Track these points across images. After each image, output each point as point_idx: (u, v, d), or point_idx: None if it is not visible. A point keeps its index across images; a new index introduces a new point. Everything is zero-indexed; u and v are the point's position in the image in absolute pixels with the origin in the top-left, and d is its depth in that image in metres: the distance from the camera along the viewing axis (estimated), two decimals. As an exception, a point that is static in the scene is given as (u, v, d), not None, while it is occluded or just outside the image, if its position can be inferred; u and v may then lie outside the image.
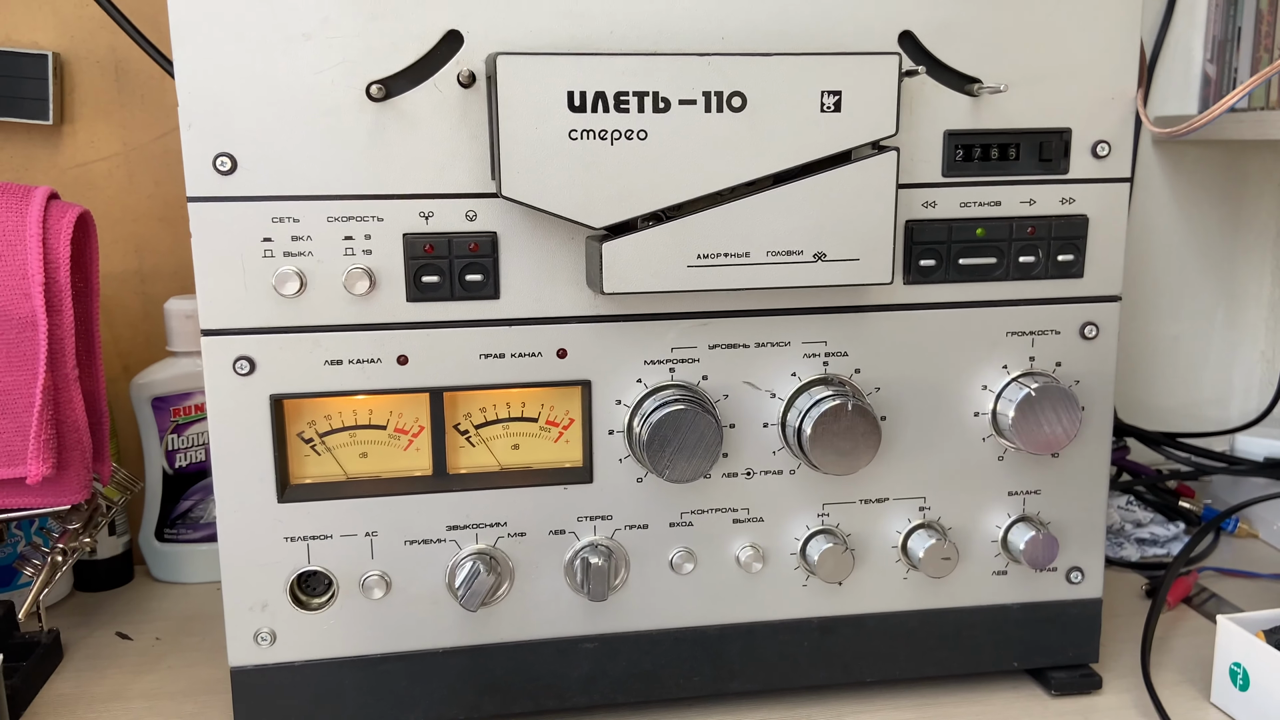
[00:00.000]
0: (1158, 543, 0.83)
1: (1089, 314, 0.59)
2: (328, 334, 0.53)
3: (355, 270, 0.52)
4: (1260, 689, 0.57)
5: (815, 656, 0.60)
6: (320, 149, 0.51)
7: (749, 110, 0.50)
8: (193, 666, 0.66)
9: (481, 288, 0.53)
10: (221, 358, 0.52)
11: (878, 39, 0.54)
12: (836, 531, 0.59)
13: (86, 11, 0.78)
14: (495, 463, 0.57)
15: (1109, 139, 0.57)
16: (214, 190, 0.51)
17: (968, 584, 0.61)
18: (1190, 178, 0.97)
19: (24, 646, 0.64)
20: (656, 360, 0.56)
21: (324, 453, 0.55)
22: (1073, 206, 0.58)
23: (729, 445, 0.57)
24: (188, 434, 0.77)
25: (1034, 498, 0.60)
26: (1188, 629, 0.70)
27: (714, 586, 0.58)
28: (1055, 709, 0.61)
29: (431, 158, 0.52)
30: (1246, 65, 0.90)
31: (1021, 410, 0.56)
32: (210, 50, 0.50)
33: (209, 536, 0.78)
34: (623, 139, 0.50)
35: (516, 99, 0.49)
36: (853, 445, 0.54)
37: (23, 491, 0.61)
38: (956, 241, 0.57)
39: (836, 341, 0.57)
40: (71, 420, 0.61)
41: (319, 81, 0.50)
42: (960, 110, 0.55)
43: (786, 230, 0.52)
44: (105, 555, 0.77)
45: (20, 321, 0.59)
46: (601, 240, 0.51)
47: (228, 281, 0.52)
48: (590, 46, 0.52)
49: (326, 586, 0.56)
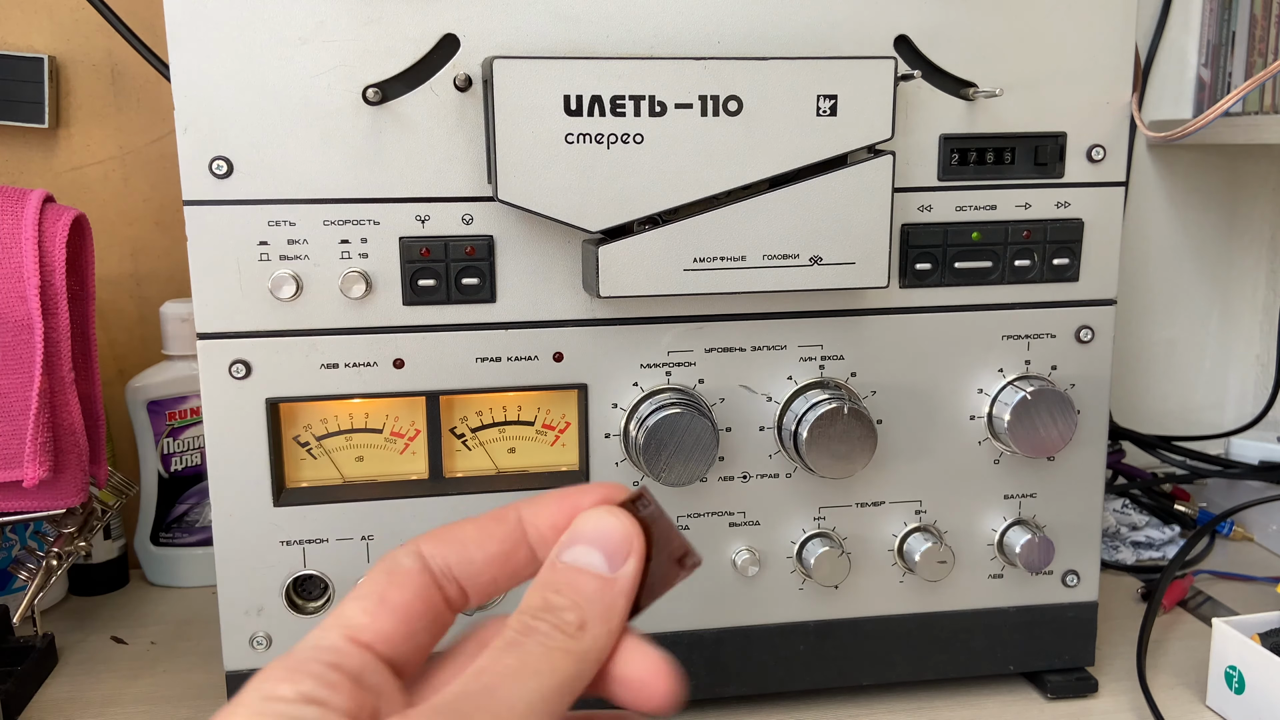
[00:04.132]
0: (1153, 546, 0.83)
1: (1084, 318, 0.59)
2: (324, 337, 0.53)
3: (351, 274, 0.52)
4: (1255, 692, 0.57)
5: (812, 660, 0.60)
6: (316, 152, 0.51)
7: (745, 114, 0.51)
8: (188, 671, 0.66)
9: (478, 291, 0.53)
10: (217, 361, 0.52)
11: (873, 43, 0.54)
12: (833, 535, 0.59)
13: (82, 15, 0.78)
14: (492, 466, 0.57)
15: (1104, 143, 0.57)
16: (210, 194, 0.51)
17: (964, 587, 0.61)
18: (1185, 182, 0.97)
19: (18, 651, 0.64)
20: (653, 364, 0.56)
21: (320, 456, 0.55)
22: (1068, 210, 0.58)
23: (725, 449, 0.57)
24: (183, 438, 0.77)
25: (1030, 501, 0.60)
26: (1183, 632, 0.70)
27: (710, 590, 0.58)
28: (1051, 712, 0.61)
29: (428, 161, 0.52)
30: (1241, 69, 0.90)
31: (1017, 414, 0.56)
32: (206, 54, 0.50)
33: (204, 540, 0.78)
34: (619, 143, 0.50)
35: (513, 103, 0.49)
36: (849, 449, 0.54)
37: (18, 495, 0.60)
38: (952, 245, 0.57)
39: (832, 345, 0.57)
40: (67, 424, 0.61)
41: (315, 85, 0.50)
42: (956, 114, 0.55)
43: (782, 234, 0.52)
44: (100, 559, 0.77)
45: (16, 325, 0.58)
46: (598, 244, 0.51)
47: (224, 285, 0.52)
48: (586, 50, 0.52)
49: (322, 590, 0.56)
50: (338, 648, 0.24)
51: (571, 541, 0.26)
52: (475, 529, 0.26)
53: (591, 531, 0.25)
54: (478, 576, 0.25)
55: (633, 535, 0.26)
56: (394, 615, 0.24)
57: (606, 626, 0.25)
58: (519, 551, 0.26)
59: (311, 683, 0.23)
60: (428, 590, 0.25)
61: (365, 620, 0.24)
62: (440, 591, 0.25)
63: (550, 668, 0.24)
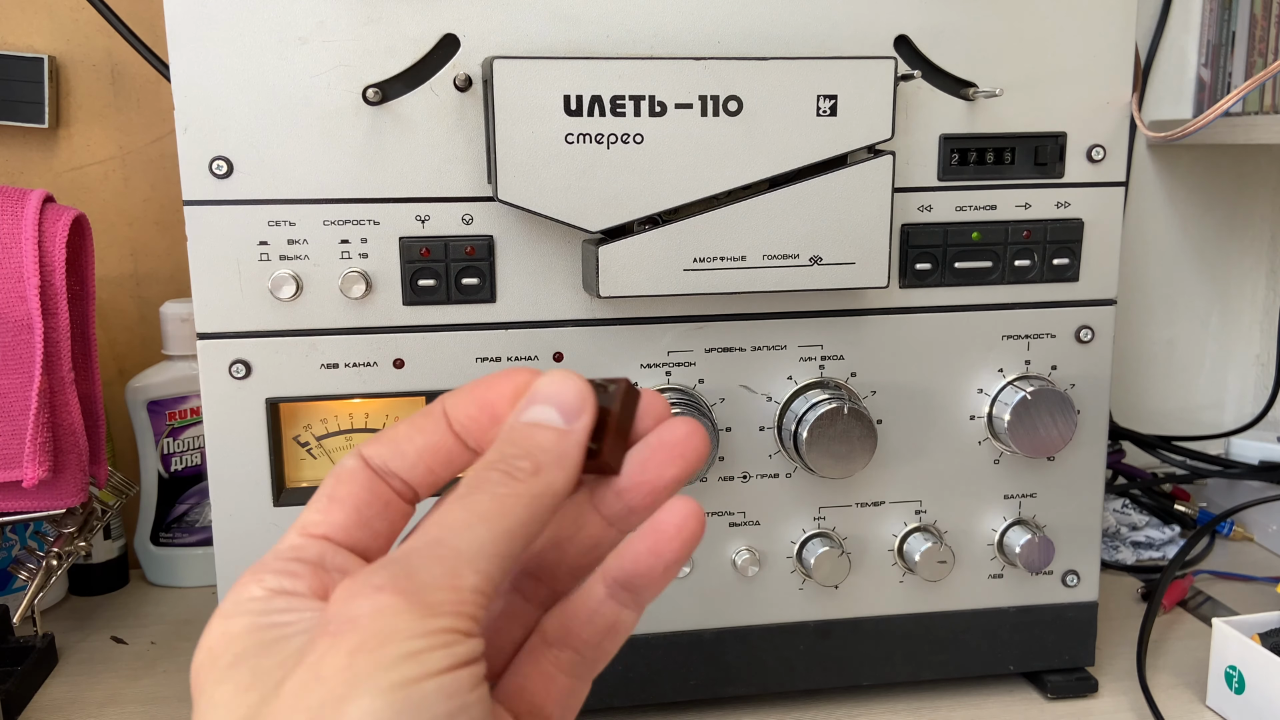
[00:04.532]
0: (1153, 546, 0.83)
1: (1084, 317, 0.59)
2: (324, 337, 0.53)
3: (351, 274, 0.52)
4: (1256, 692, 0.57)
5: (812, 660, 0.60)
6: (316, 152, 0.51)
7: (745, 114, 0.51)
8: (188, 671, 0.65)
9: (478, 291, 0.53)
10: (217, 361, 0.52)
11: (873, 43, 0.54)
12: (833, 535, 0.59)
13: (82, 15, 0.78)
14: (491, 466, 0.57)
15: (1104, 143, 0.57)
16: (210, 194, 0.51)
17: (964, 587, 0.61)
18: (1185, 182, 0.97)
19: (18, 651, 0.64)
20: (653, 364, 0.56)
21: (320, 456, 0.55)
22: (1068, 210, 0.58)
23: (725, 449, 0.57)
24: (183, 438, 0.77)
25: (1030, 501, 0.60)
26: (1183, 632, 0.70)
27: (710, 590, 0.58)
28: (1051, 712, 0.61)
29: (428, 161, 0.52)
30: (1241, 69, 0.90)
31: (1017, 414, 0.56)
32: (206, 54, 0.50)
33: (205, 540, 0.78)
34: (619, 143, 0.50)
35: (513, 103, 0.49)
36: (849, 449, 0.54)
37: (18, 495, 0.60)
38: (952, 245, 0.57)
39: (832, 345, 0.57)
40: (67, 424, 0.61)
41: (315, 85, 0.50)
42: (956, 114, 0.55)
43: (782, 234, 0.52)
44: (100, 559, 0.77)
45: (16, 325, 0.58)
46: (597, 244, 0.51)
47: (224, 285, 0.52)
48: (586, 50, 0.52)
49: (322, 590, 0.56)
50: (295, 544, 0.26)
51: (529, 404, 0.27)
52: (406, 425, 0.27)
53: (546, 391, 0.27)
54: (414, 468, 0.27)
55: (585, 393, 0.27)
56: (343, 507, 0.26)
57: (562, 471, 0.26)
58: (446, 441, 0.27)
59: (274, 577, 0.25)
60: (372, 483, 0.27)
61: (318, 517, 0.26)
62: (385, 484, 0.27)
63: (500, 511, 0.25)
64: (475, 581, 0.23)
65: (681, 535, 0.27)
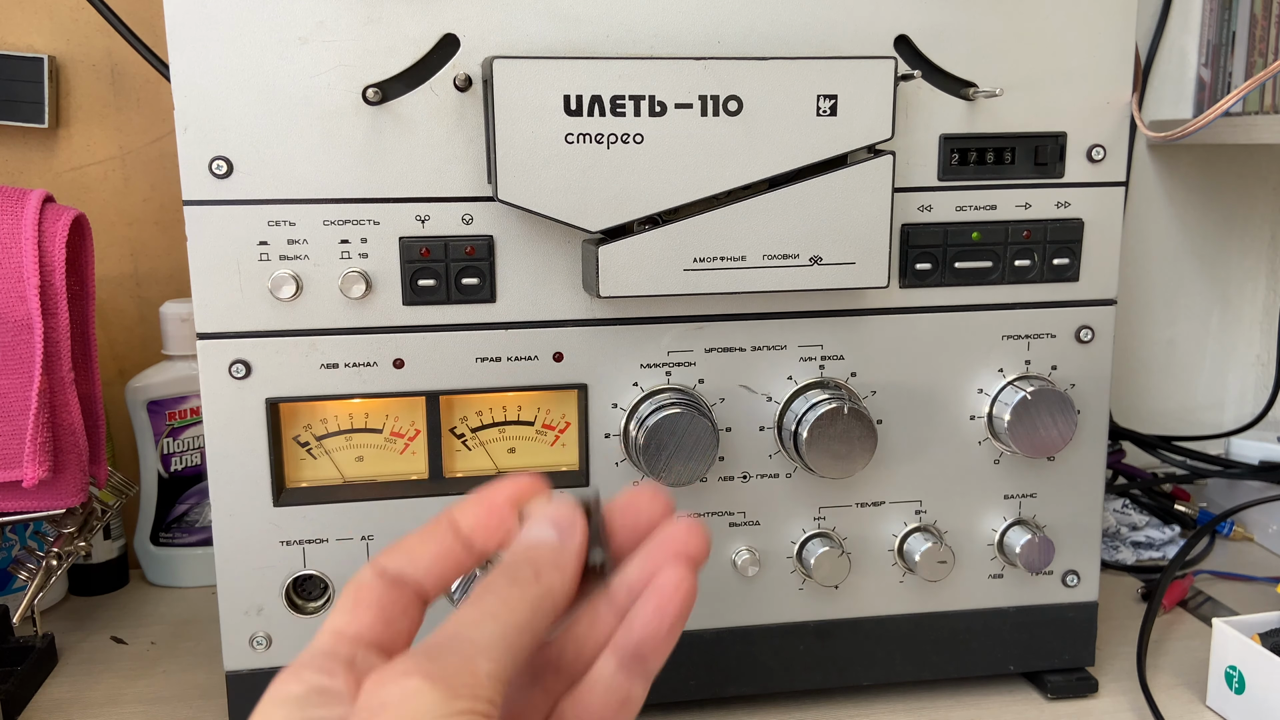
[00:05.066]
0: (1153, 546, 0.83)
1: (1084, 317, 0.59)
2: (324, 337, 0.53)
3: (351, 274, 0.52)
4: (1256, 692, 0.57)
5: (812, 660, 0.60)
6: (316, 152, 0.51)
7: (745, 114, 0.51)
8: (188, 671, 0.66)
9: (478, 291, 0.53)
10: (217, 361, 0.52)
11: (873, 43, 0.54)
12: (833, 535, 0.59)
13: (82, 15, 0.78)
14: (492, 466, 0.57)
15: (1104, 143, 0.57)
16: (210, 194, 0.51)
17: (964, 587, 0.61)
18: (1185, 182, 0.97)
19: (18, 651, 0.64)
20: (653, 364, 0.56)
21: (320, 456, 0.55)
22: (1068, 210, 0.58)
23: (725, 449, 0.57)
24: (183, 438, 0.77)
25: (1030, 501, 0.60)
26: (1183, 632, 0.70)
27: (710, 590, 0.58)
28: (1051, 712, 0.61)
29: (428, 161, 0.52)
30: (1241, 69, 0.90)
31: (1017, 414, 0.56)
32: (206, 54, 0.50)
33: (204, 540, 0.78)
34: (619, 142, 0.50)
35: (513, 102, 0.49)
36: (849, 449, 0.54)
37: (18, 495, 0.60)
38: (952, 245, 0.57)
39: (832, 345, 0.57)
40: (67, 424, 0.61)
41: (315, 85, 0.50)
42: (956, 114, 0.55)
43: (782, 234, 0.52)
44: (100, 559, 0.77)
45: (15, 324, 0.58)
46: (597, 244, 0.51)
47: (224, 285, 0.52)
48: (586, 50, 0.52)
49: (322, 590, 0.56)
50: (327, 645, 0.28)
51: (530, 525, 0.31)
52: (416, 536, 0.31)
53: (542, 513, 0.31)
54: (427, 573, 0.30)
55: (575, 513, 0.31)
56: (370, 610, 0.29)
57: (560, 574, 0.30)
58: (455, 547, 0.31)
59: (313, 674, 0.27)
60: (390, 589, 0.30)
61: (347, 618, 0.29)
62: (400, 590, 0.30)
63: (508, 610, 0.28)
64: (490, 668, 0.26)
65: (680, 592, 0.31)
